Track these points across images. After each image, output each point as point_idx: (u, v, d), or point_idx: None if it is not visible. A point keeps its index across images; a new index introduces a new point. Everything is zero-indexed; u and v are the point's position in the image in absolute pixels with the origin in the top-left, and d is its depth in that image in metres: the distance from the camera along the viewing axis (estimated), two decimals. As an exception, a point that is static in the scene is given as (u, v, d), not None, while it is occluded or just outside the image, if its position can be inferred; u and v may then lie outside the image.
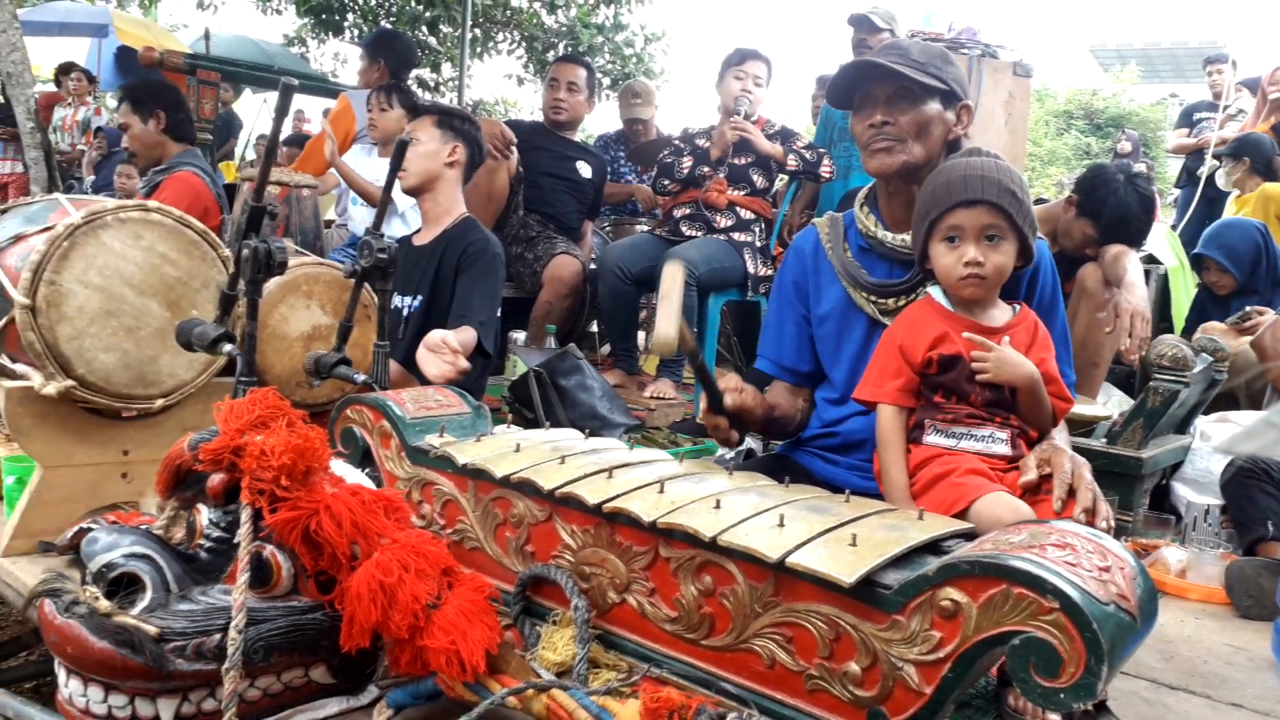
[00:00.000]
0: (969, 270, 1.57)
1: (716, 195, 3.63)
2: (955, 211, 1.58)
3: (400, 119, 3.79)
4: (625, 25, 12.41)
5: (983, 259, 1.57)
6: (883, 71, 1.71)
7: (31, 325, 1.58)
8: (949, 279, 1.61)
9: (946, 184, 1.60)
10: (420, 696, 1.18)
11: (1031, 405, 1.60)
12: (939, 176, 1.63)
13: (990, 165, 1.59)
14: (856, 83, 1.78)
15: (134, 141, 3.78)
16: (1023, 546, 0.92)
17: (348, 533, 1.14)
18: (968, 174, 1.58)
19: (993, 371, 1.56)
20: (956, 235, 1.59)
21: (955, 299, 1.64)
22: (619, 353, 3.88)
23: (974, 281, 1.58)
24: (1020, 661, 0.87)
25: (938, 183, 1.62)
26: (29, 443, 1.67)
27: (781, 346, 1.92)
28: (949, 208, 1.58)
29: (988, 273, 1.58)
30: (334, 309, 2.15)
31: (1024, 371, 1.57)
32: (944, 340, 1.61)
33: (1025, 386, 1.58)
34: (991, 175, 1.57)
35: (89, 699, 1.08)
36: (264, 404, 1.19)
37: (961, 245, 1.58)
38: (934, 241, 1.62)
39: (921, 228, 1.63)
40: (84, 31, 10.36)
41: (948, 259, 1.60)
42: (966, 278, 1.58)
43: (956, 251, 1.59)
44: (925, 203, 1.63)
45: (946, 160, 1.69)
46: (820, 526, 1.08)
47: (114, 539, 1.13)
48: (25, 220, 1.74)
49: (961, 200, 1.57)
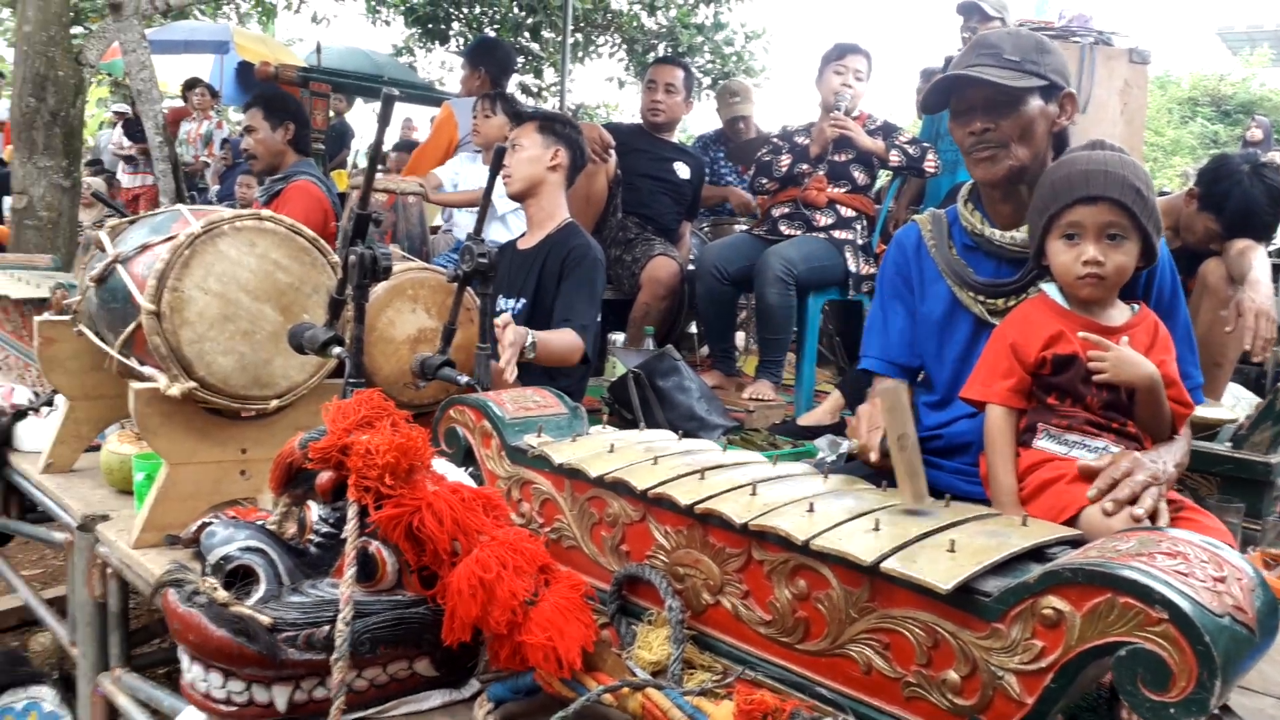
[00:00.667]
0: (1088, 270, 1.51)
1: (816, 193, 3.59)
2: (1075, 208, 1.51)
3: (503, 126, 3.86)
4: (725, 24, 12.38)
5: (1103, 258, 1.50)
6: (976, 80, 1.66)
7: (157, 330, 1.67)
8: (1066, 277, 1.55)
9: (1067, 178, 1.53)
10: (519, 691, 1.20)
11: (1150, 408, 1.53)
12: (1059, 169, 1.56)
13: (1114, 160, 1.52)
14: (952, 92, 1.73)
15: (259, 146, 3.93)
16: (1130, 554, 0.89)
17: (449, 529, 1.17)
18: (1090, 168, 1.51)
19: (1111, 372, 1.49)
20: (1076, 233, 1.52)
21: (1072, 297, 1.57)
22: (717, 354, 3.87)
23: (1092, 282, 1.52)
24: (1127, 674, 0.83)
25: (1058, 176, 1.55)
26: (156, 441, 1.76)
27: (890, 342, 1.88)
28: (1069, 203, 1.51)
29: (1107, 273, 1.51)
30: (438, 312, 2.21)
31: (1144, 372, 1.50)
32: (1059, 340, 1.54)
33: (1145, 388, 1.50)
34: (1115, 171, 1.50)
35: (210, 684, 1.13)
36: (369, 405, 1.23)
37: (1081, 243, 1.52)
38: (1052, 238, 1.55)
39: (1039, 222, 1.57)
40: (207, 49, 10.89)
41: (1066, 257, 1.53)
42: (1085, 277, 1.52)
43: (1075, 249, 1.52)
44: (1044, 197, 1.56)
45: (1066, 153, 1.62)
46: (917, 531, 1.06)
47: (231, 533, 1.18)
48: (151, 230, 1.83)
49: (1083, 196, 1.50)
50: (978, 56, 1.69)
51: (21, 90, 5.21)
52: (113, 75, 11.16)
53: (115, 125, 10.66)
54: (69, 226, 5.41)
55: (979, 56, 1.69)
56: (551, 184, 2.87)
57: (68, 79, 5.24)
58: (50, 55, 5.16)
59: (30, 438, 2.38)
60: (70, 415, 2.20)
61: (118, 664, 1.90)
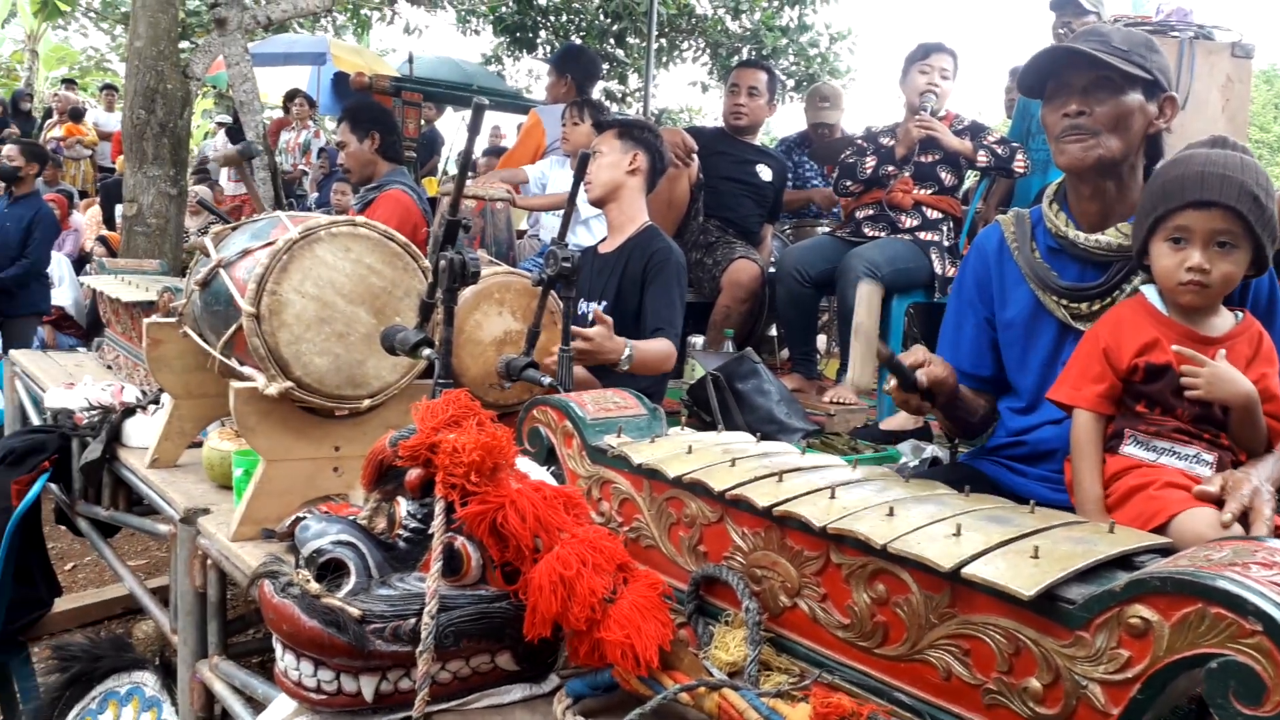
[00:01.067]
0: (1191, 277, 1.44)
1: (902, 195, 3.54)
2: (1185, 211, 1.44)
3: (590, 133, 3.91)
4: (810, 26, 12.29)
5: (1209, 266, 1.43)
6: (1081, 58, 1.59)
7: (256, 331, 1.74)
8: (1168, 282, 1.48)
9: (1180, 178, 1.45)
10: (597, 687, 1.22)
11: (1245, 426, 1.46)
12: (1173, 168, 1.48)
13: (1234, 162, 1.43)
14: (1051, 70, 1.66)
15: (349, 159, 4.08)
16: (1223, 564, 0.86)
17: (531, 526, 1.19)
18: (1206, 169, 1.43)
19: (1204, 390, 1.42)
20: (1183, 237, 1.45)
21: (1171, 303, 1.51)
22: (797, 357, 3.85)
23: (1195, 289, 1.45)
24: (1219, 686, 0.81)
25: (1170, 175, 1.47)
26: (254, 438, 1.83)
27: (959, 351, 1.84)
28: (1179, 206, 1.44)
29: (1212, 281, 1.44)
30: (523, 315, 2.25)
31: (1239, 391, 1.42)
32: (1154, 347, 1.48)
33: (1240, 407, 1.43)
34: (1234, 174, 1.41)
35: (301, 672, 1.18)
36: (457, 404, 1.26)
37: (1187, 249, 1.45)
38: (1157, 239, 1.49)
39: (1145, 222, 1.50)
40: (305, 60, 11.28)
41: (1169, 261, 1.47)
42: (1187, 284, 1.45)
43: (1180, 254, 1.45)
44: (1153, 196, 1.49)
45: (1184, 149, 1.53)
46: (1000, 537, 1.04)
47: (323, 527, 1.22)
48: (252, 236, 1.91)
49: (1194, 200, 1.43)
50: (1084, 40, 1.64)
51: (133, 103, 5.49)
52: (217, 87, 11.64)
53: (216, 135, 11.12)
54: (175, 233, 5.67)
55: (1085, 40, 1.64)
56: (631, 188, 2.90)
57: (175, 92, 5.49)
58: (159, 69, 5.42)
59: (138, 434, 2.49)
60: (175, 413, 2.29)
61: (215, 652, 1.98)
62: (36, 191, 6.49)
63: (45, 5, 14.97)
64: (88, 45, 19.41)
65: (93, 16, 17.52)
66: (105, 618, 3.58)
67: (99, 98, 12.38)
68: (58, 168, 9.84)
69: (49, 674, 2.37)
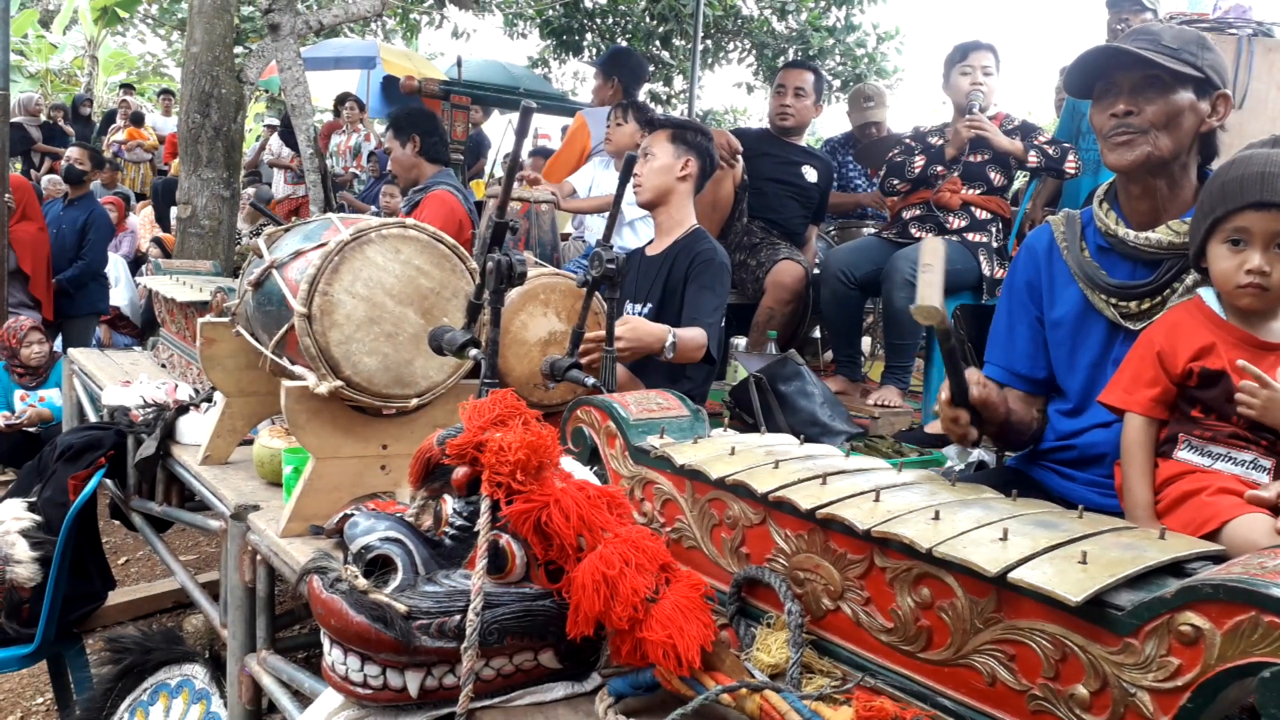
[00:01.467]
0: (1250, 280, 1.41)
1: (950, 195, 3.50)
2: (1245, 212, 1.41)
3: (634, 134, 3.92)
4: (857, 26, 12.21)
5: (1269, 269, 1.40)
6: (1128, 57, 1.58)
7: (308, 331, 1.77)
8: (1225, 285, 1.45)
9: (1240, 179, 1.42)
10: (639, 687, 1.22)
11: None
12: (1233, 169, 1.45)
13: None
14: (1098, 70, 1.65)
15: (394, 164, 4.16)
16: (1277, 572, 0.85)
17: (574, 525, 1.20)
18: (1267, 170, 1.40)
19: (1259, 413, 1.39)
20: (1242, 239, 1.43)
21: (1229, 306, 1.48)
22: (842, 359, 3.82)
23: (1254, 292, 1.42)
24: (1272, 696, 0.79)
25: (1230, 175, 1.45)
26: (304, 436, 1.87)
27: (1013, 352, 1.82)
28: (1239, 207, 1.41)
29: (1272, 285, 1.41)
30: (568, 316, 2.27)
31: None
32: (1209, 352, 1.45)
33: None
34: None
35: (348, 667, 1.19)
36: (503, 404, 1.28)
37: (1246, 251, 1.42)
38: (1215, 241, 1.46)
39: (1203, 223, 1.47)
40: (355, 64, 11.44)
41: (1228, 263, 1.44)
42: (1246, 286, 1.42)
43: (1239, 256, 1.43)
44: (1212, 196, 1.46)
45: (1244, 149, 1.51)
46: (1047, 542, 1.03)
47: (371, 524, 1.24)
48: (304, 238, 1.95)
49: (1255, 201, 1.40)
50: (1133, 40, 1.62)
51: (188, 107, 5.61)
52: (269, 91, 11.85)
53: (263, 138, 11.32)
54: (228, 234, 5.79)
55: (1134, 40, 1.62)
56: (681, 192, 2.90)
57: (229, 96, 5.61)
58: (215, 74, 5.53)
59: (190, 431, 2.55)
60: (227, 411, 2.34)
61: (264, 646, 2.01)
62: (91, 194, 6.66)
63: (105, 12, 15.36)
64: (145, 51, 19.90)
65: (150, 23, 17.95)
66: (157, 611, 3.67)
67: (156, 102, 12.68)
68: (116, 170, 10.09)
69: (102, 665, 2.43)
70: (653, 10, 11.71)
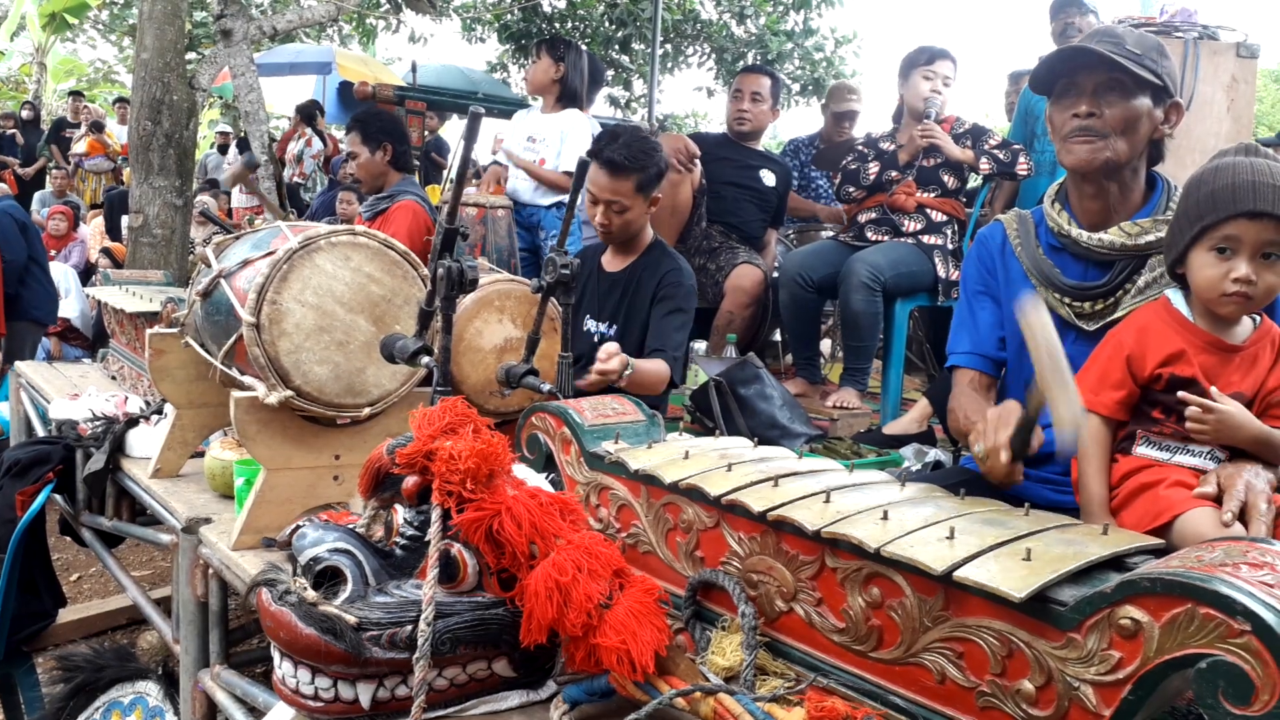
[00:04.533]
0: (1237, 289, 1.42)
1: (904, 198, 3.55)
2: (1236, 221, 1.41)
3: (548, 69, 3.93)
4: (815, 30, 12.32)
5: (1255, 278, 1.41)
6: (1096, 59, 1.59)
7: (256, 341, 1.74)
8: (1210, 293, 1.45)
9: (1230, 188, 1.42)
10: (594, 693, 1.22)
11: (1258, 452, 1.45)
12: (1219, 177, 1.45)
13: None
14: (1062, 69, 1.66)
15: (361, 170, 4.06)
16: (1214, 565, 0.86)
17: (527, 533, 1.19)
18: (1257, 180, 1.41)
19: (1211, 436, 1.42)
20: (1229, 247, 1.43)
21: (1199, 310, 1.49)
22: (801, 361, 3.85)
23: (1239, 301, 1.43)
24: (1208, 686, 0.81)
25: (1218, 184, 1.44)
26: (254, 447, 1.84)
27: (979, 336, 1.83)
28: (1230, 215, 1.41)
29: (1257, 293, 1.42)
30: (524, 323, 2.26)
31: (1247, 435, 1.42)
32: (1179, 358, 1.47)
33: (1248, 447, 1.43)
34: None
35: (299, 680, 1.18)
36: (453, 412, 1.27)
37: (1234, 259, 1.42)
38: (1200, 248, 1.46)
39: (1188, 231, 1.47)
40: (311, 70, 11.35)
41: (1213, 271, 1.44)
42: (1232, 295, 1.43)
43: (1226, 265, 1.43)
44: (1200, 204, 1.46)
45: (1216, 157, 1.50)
46: (993, 540, 1.04)
47: (320, 535, 1.23)
48: (252, 246, 1.92)
49: (1246, 210, 1.40)
50: (1098, 41, 1.63)
51: (139, 114, 5.52)
52: (223, 98, 11.70)
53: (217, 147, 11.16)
54: (181, 243, 5.70)
55: (1099, 41, 1.63)
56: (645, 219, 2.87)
57: (182, 103, 5.53)
58: (166, 81, 5.45)
59: (141, 444, 2.49)
60: (177, 423, 2.30)
61: (217, 661, 1.98)
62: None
63: (53, 18, 15.09)
64: (95, 58, 19.58)
65: (100, 29, 17.67)
66: (109, 628, 3.59)
67: (111, 110, 12.45)
68: (70, 178, 9.91)
69: (53, 684, 2.38)
70: (611, 15, 11.74)
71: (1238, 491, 1.34)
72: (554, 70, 3.90)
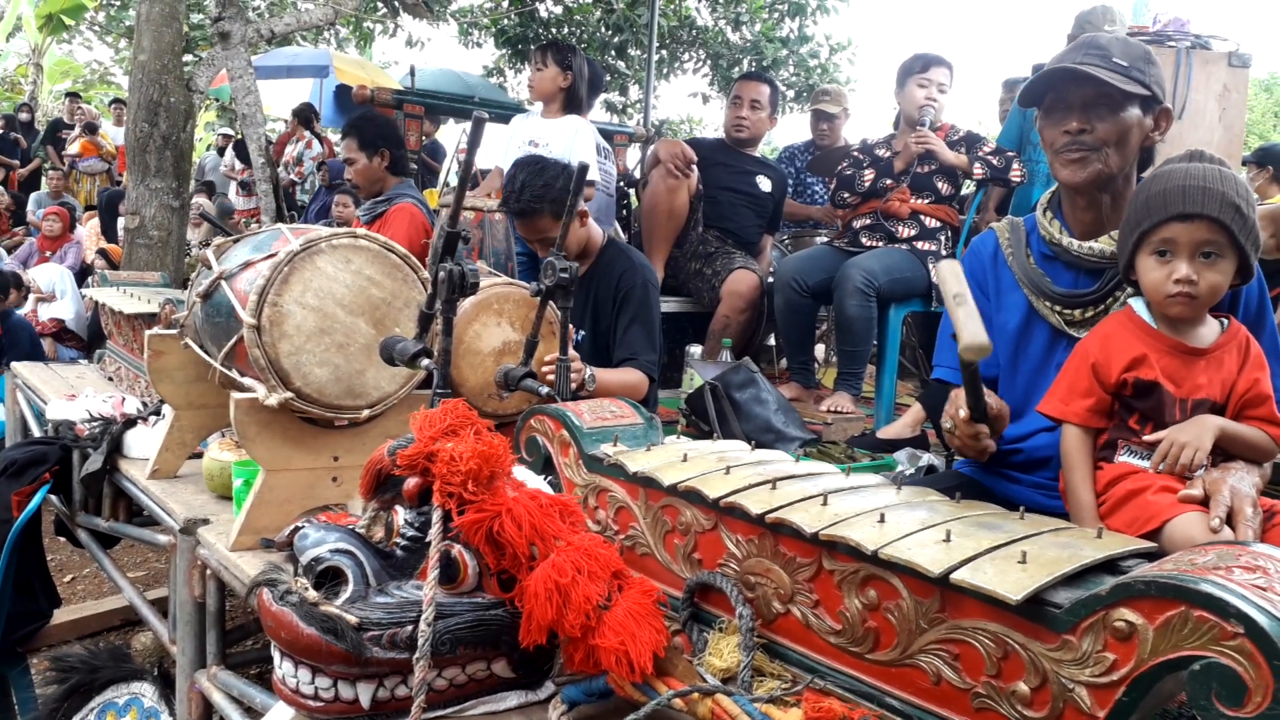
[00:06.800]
0: (1179, 289, 1.46)
1: (899, 205, 3.57)
2: (1170, 224, 1.46)
3: (555, 77, 3.93)
4: (810, 37, 12.35)
5: (1195, 277, 1.45)
6: (1084, 75, 1.62)
7: (257, 342, 1.75)
8: (1156, 295, 1.50)
9: (1163, 193, 1.47)
10: (593, 694, 1.23)
11: (1237, 450, 1.48)
12: (1155, 183, 1.50)
13: (1213, 174, 1.46)
14: (1050, 85, 1.68)
15: (358, 175, 4.07)
16: (1207, 568, 0.88)
17: (527, 534, 1.20)
18: (1187, 184, 1.45)
19: (1169, 463, 1.45)
20: (1168, 250, 1.47)
21: (1159, 315, 1.53)
22: (795, 366, 3.87)
23: (1183, 301, 1.47)
24: (1201, 688, 0.82)
25: (1153, 190, 1.49)
26: (254, 448, 1.85)
27: None
28: (1163, 220, 1.46)
29: (1199, 292, 1.46)
30: (522, 326, 2.27)
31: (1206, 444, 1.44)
32: (1141, 363, 1.50)
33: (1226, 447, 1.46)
34: (1214, 187, 1.44)
35: (299, 680, 1.19)
36: (454, 414, 1.28)
37: (1173, 261, 1.47)
38: (1143, 254, 1.51)
39: (1130, 237, 1.52)
40: (308, 73, 11.35)
41: (1156, 274, 1.49)
42: (1176, 295, 1.47)
43: (1167, 267, 1.47)
44: (1137, 211, 1.51)
45: (1163, 165, 1.56)
46: (989, 543, 1.05)
47: (322, 535, 1.24)
48: (253, 248, 1.93)
49: (1178, 213, 1.45)
50: (1084, 55, 1.64)
51: (136, 116, 5.52)
52: (220, 100, 11.68)
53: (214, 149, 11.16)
54: (178, 245, 5.69)
55: (1085, 55, 1.64)
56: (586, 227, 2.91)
57: (179, 105, 5.53)
58: (163, 83, 5.45)
59: (138, 445, 2.50)
60: (175, 424, 2.30)
61: (214, 662, 1.98)
62: None
63: (50, 19, 15.06)
64: (92, 59, 19.55)
65: (97, 30, 17.63)
66: (104, 629, 3.59)
67: (108, 111, 12.43)
68: (65, 179, 9.89)
69: (47, 685, 2.38)
70: (608, 20, 11.76)
71: (1224, 497, 1.36)
72: (562, 79, 3.91)
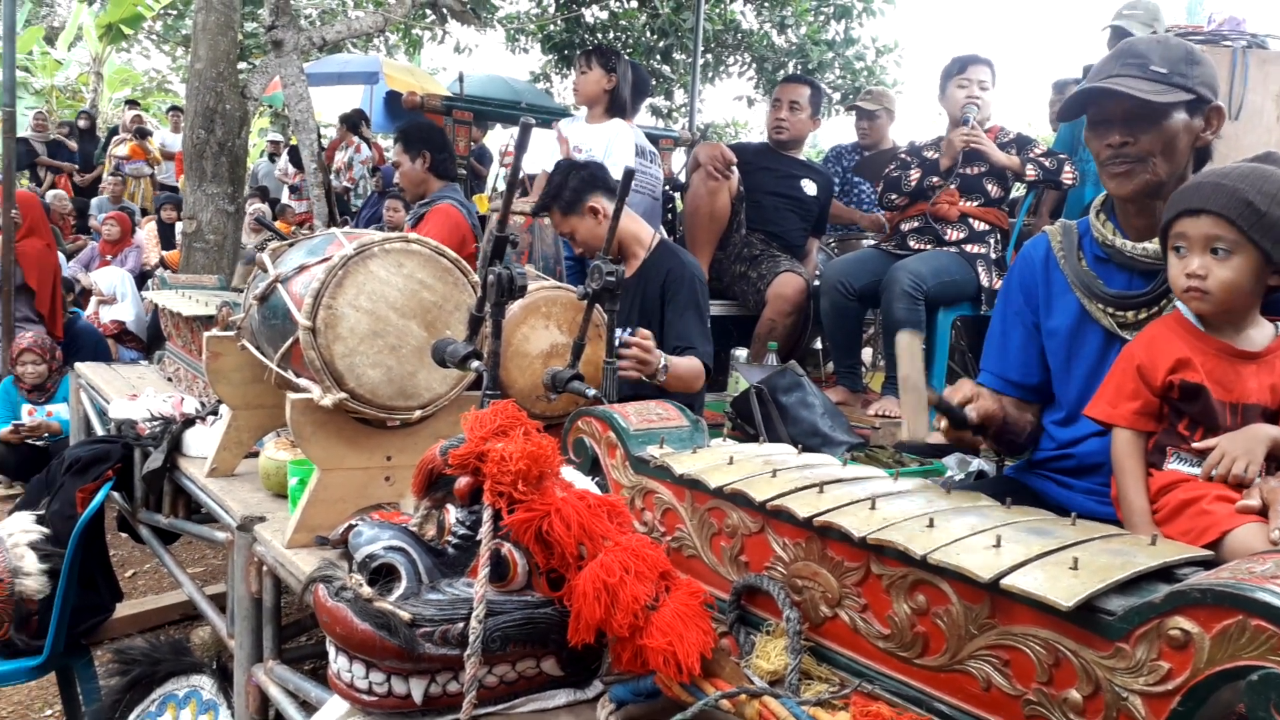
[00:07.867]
0: (1190, 283, 1.47)
1: (947, 207, 3.53)
2: (1180, 220, 1.49)
3: (600, 80, 3.94)
4: (856, 39, 12.27)
5: (1204, 272, 1.45)
6: (1119, 93, 1.60)
7: (312, 344, 1.79)
8: (1177, 291, 1.52)
9: (1182, 190, 1.51)
10: (640, 694, 1.24)
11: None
12: (1187, 183, 1.54)
13: (1236, 172, 1.46)
14: (1088, 97, 1.67)
15: (402, 178, 4.17)
16: (1265, 577, 0.86)
17: (575, 534, 1.22)
18: (1203, 180, 1.48)
19: (1222, 471, 1.42)
20: (1182, 245, 1.49)
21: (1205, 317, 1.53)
22: (842, 370, 3.84)
23: (1195, 295, 1.48)
24: (1259, 699, 0.81)
25: (1181, 188, 1.53)
26: (309, 448, 1.89)
27: (1006, 359, 1.84)
28: (1175, 215, 1.49)
29: (1210, 287, 1.46)
30: (569, 329, 2.29)
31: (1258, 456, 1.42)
32: (1186, 366, 1.48)
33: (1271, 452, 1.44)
34: (1229, 183, 1.44)
35: (353, 675, 1.21)
36: (504, 414, 1.30)
37: (1187, 256, 1.48)
38: (1168, 250, 1.53)
39: (1161, 238, 1.55)
40: (358, 80, 11.52)
41: (1175, 270, 1.51)
42: (1189, 291, 1.48)
43: (1181, 262, 1.49)
44: (1166, 209, 1.54)
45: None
46: (1040, 549, 1.05)
47: (376, 533, 1.26)
48: (308, 252, 1.97)
49: (1185, 209, 1.47)
50: (1121, 66, 1.63)
51: (193, 123, 5.66)
52: (273, 107, 11.90)
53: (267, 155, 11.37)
54: (233, 249, 5.82)
55: (1123, 66, 1.62)
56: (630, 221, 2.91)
57: (234, 112, 5.65)
58: (219, 90, 5.58)
59: (197, 444, 2.56)
60: (233, 424, 2.36)
61: (270, 656, 2.03)
62: None
63: (110, 29, 15.47)
64: (150, 67, 20.03)
65: (155, 39, 18.07)
66: (164, 623, 3.68)
67: (165, 119, 12.73)
68: (123, 184, 10.15)
69: (110, 677, 2.44)
70: (653, 25, 11.78)
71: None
72: (606, 81, 3.93)
